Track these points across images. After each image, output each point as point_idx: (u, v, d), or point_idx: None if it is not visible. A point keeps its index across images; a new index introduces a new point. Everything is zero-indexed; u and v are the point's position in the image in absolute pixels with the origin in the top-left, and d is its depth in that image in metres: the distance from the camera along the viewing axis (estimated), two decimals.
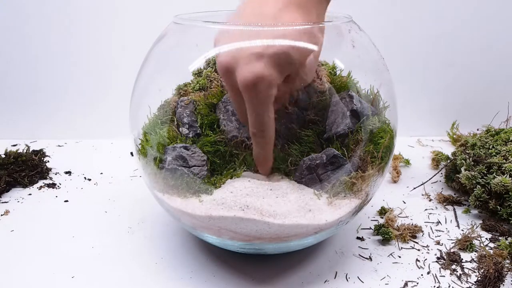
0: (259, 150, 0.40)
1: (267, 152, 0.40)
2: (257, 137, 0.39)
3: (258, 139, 0.39)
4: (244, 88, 0.36)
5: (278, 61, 0.36)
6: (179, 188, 0.43)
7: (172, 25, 0.47)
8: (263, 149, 0.40)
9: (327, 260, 0.49)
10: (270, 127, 0.38)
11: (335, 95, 0.45)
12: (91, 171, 0.73)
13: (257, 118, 0.38)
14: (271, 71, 0.36)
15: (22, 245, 0.53)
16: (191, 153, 0.43)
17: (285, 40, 0.36)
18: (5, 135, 0.86)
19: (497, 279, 0.44)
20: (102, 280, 0.46)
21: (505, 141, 0.63)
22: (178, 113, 0.46)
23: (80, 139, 0.87)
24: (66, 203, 0.63)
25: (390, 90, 0.49)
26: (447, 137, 0.85)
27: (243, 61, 0.36)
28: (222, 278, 0.46)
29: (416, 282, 0.46)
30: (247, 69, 0.35)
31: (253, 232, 0.42)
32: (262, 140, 0.39)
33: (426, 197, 0.64)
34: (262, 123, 0.38)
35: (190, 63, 0.47)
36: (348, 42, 0.46)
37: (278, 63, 0.36)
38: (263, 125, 0.38)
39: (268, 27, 0.37)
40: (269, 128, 0.38)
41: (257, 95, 0.36)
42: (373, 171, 0.44)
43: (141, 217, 0.59)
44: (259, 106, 0.37)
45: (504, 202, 0.56)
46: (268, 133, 0.39)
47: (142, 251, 0.51)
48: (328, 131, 0.44)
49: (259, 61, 0.35)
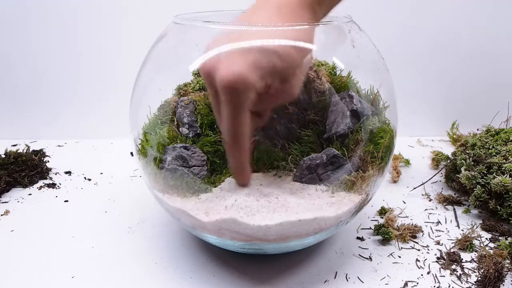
0: (233, 161, 0.37)
1: (241, 163, 0.37)
2: (230, 147, 0.36)
3: (231, 148, 0.37)
4: (222, 88, 0.34)
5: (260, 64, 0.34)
6: (179, 188, 0.43)
7: (172, 25, 0.47)
8: (236, 160, 0.37)
9: (327, 260, 0.49)
10: (244, 136, 0.36)
11: (335, 95, 0.45)
12: (91, 171, 0.73)
13: (231, 125, 0.35)
14: (251, 73, 0.34)
15: (22, 245, 0.53)
16: (191, 153, 0.43)
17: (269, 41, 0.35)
18: (5, 135, 0.86)
19: (497, 279, 0.44)
20: (102, 280, 0.46)
21: (505, 141, 0.63)
22: (178, 113, 0.46)
23: (80, 139, 0.87)
24: (66, 203, 0.63)
25: (390, 90, 0.49)
26: (447, 137, 0.85)
27: (225, 60, 0.34)
28: (222, 278, 0.46)
29: (416, 282, 0.46)
30: (227, 67, 0.34)
31: (253, 233, 0.42)
32: (235, 150, 0.36)
33: (426, 197, 0.64)
34: (235, 131, 0.35)
35: (190, 63, 0.46)
36: (348, 42, 0.46)
37: (259, 66, 0.34)
38: (236, 134, 0.35)
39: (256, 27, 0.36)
40: (243, 137, 0.36)
41: (233, 98, 0.34)
42: (373, 171, 0.44)
43: (141, 217, 0.59)
44: (234, 110, 0.34)
45: (504, 202, 0.56)
46: (242, 143, 0.36)
47: (142, 251, 0.51)
48: (328, 131, 0.44)
49: (240, 60, 0.34)
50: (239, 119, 0.35)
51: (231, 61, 0.34)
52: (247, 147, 0.36)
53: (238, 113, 0.35)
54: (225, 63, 0.34)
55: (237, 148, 0.36)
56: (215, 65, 0.35)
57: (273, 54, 0.35)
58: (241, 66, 0.34)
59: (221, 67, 0.34)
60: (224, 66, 0.34)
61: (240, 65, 0.34)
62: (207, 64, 0.36)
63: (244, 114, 0.35)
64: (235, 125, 0.35)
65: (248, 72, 0.34)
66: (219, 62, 0.35)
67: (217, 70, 0.35)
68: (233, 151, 0.37)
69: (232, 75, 0.33)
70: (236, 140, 0.36)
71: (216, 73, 0.35)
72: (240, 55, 0.34)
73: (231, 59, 0.34)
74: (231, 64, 0.34)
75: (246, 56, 0.34)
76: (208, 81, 0.36)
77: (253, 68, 0.34)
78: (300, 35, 0.36)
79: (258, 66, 0.34)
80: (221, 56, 0.35)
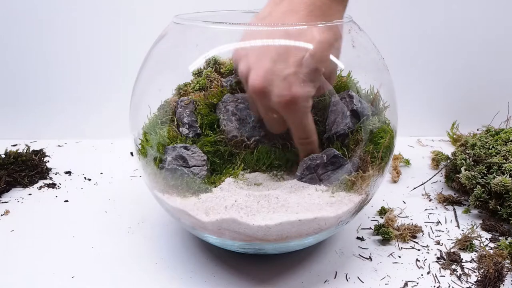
0: (307, 153, 0.42)
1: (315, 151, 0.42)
2: (304, 144, 0.41)
3: (306, 145, 0.41)
4: (283, 107, 0.38)
5: (311, 78, 0.38)
6: (179, 188, 0.43)
7: (172, 25, 0.47)
8: (312, 151, 0.42)
9: (327, 260, 0.49)
10: (313, 132, 0.41)
11: (335, 95, 0.45)
12: (91, 171, 0.73)
13: (301, 128, 0.40)
14: (306, 88, 0.38)
15: (22, 245, 0.53)
16: (191, 153, 0.43)
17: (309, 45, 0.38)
18: (5, 135, 0.86)
19: (497, 279, 0.44)
20: (102, 280, 0.46)
21: (505, 141, 0.63)
22: (178, 113, 0.46)
23: (80, 139, 0.87)
24: (66, 203, 0.63)
25: (390, 90, 0.49)
26: (447, 137, 0.85)
27: (279, 83, 0.38)
28: (222, 278, 0.46)
29: (416, 282, 0.46)
30: (284, 91, 0.37)
31: (253, 233, 0.42)
32: (309, 145, 0.41)
33: (426, 197, 0.64)
34: (305, 131, 0.41)
35: (190, 63, 0.47)
36: (348, 42, 0.46)
37: (311, 79, 0.38)
38: (307, 133, 0.41)
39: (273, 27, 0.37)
40: (313, 133, 0.41)
41: (296, 111, 0.39)
42: (373, 171, 0.44)
43: (141, 217, 0.59)
44: (301, 119, 0.40)
45: (504, 202, 0.56)
46: (313, 138, 0.41)
47: (142, 251, 0.51)
48: (328, 131, 0.44)
49: (295, 82, 0.37)
50: (306, 122, 0.40)
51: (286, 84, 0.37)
52: (317, 139, 0.42)
53: (304, 119, 0.40)
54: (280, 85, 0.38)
55: (310, 143, 0.41)
56: (269, 88, 0.38)
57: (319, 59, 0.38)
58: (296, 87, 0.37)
59: (277, 90, 0.38)
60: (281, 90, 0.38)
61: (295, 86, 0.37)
62: (258, 86, 0.38)
63: (308, 117, 0.40)
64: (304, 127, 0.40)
65: (303, 89, 0.38)
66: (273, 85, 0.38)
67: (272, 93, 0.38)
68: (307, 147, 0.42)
69: (292, 97, 0.38)
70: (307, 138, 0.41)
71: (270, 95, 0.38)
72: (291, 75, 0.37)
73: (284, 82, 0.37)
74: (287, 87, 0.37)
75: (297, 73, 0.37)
76: (260, 100, 0.40)
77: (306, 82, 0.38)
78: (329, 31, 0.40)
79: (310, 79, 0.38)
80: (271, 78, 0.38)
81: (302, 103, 0.38)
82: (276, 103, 0.38)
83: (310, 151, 0.42)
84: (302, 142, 0.41)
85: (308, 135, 0.41)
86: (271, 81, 0.38)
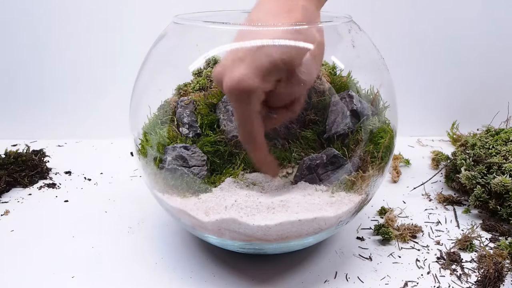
0: (253, 157, 0.40)
1: (263, 158, 0.40)
2: (247, 145, 0.39)
3: (248, 147, 0.39)
4: (228, 95, 0.36)
5: (261, 66, 0.34)
6: (179, 188, 0.43)
7: (172, 25, 0.47)
8: (256, 156, 0.39)
9: (327, 260, 0.49)
10: (258, 135, 0.37)
11: (335, 95, 0.45)
12: (91, 171, 0.73)
13: (243, 127, 0.37)
14: (252, 77, 0.34)
15: (22, 245, 0.53)
16: (191, 153, 0.43)
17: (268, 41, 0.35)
18: (5, 135, 0.86)
19: (497, 279, 0.44)
20: (102, 280, 0.46)
21: (505, 141, 0.63)
22: (178, 113, 0.46)
23: (80, 139, 0.87)
24: (66, 203, 0.63)
25: (390, 90, 0.49)
26: (447, 137, 0.85)
27: (228, 68, 0.35)
28: (222, 278, 0.46)
29: (416, 282, 0.46)
30: (229, 75, 0.35)
31: (253, 233, 0.42)
32: (252, 148, 0.39)
33: (426, 197, 0.64)
34: (248, 131, 0.37)
35: (190, 63, 0.47)
36: (348, 42, 0.46)
37: (260, 68, 0.34)
38: (249, 134, 0.37)
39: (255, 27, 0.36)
40: (257, 135, 0.37)
41: (239, 103, 0.35)
42: (373, 171, 0.44)
43: (141, 217, 0.59)
44: (244, 114, 0.36)
45: (504, 202, 0.56)
46: (256, 141, 0.38)
47: (142, 251, 0.51)
48: (328, 131, 0.44)
49: (240, 67, 0.35)
50: (249, 120, 0.36)
51: (233, 68, 0.35)
52: (263, 144, 0.38)
53: (247, 115, 0.36)
54: (228, 70, 0.35)
55: (254, 148, 0.38)
56: (221, 73, 0.36)
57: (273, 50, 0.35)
58: (241, 72, 0.35)
59: (225, 75, 0.35)
60: (227, 73, 0.35)
61: (240, 70, 0.35)
62: (215, 71, 0.37)
63: (253, 114, 0.36)
64: (247, 126, 0.37)
65: (249, 77, 0.34)
66: (225, 69, 0.36)
67: (223, 78, 0.36)
68: (252, 151, 0.39)
69: (233, 82, 0.35)
70: (250, 140, 0.38)
71: (222, 80, 0.36)
72: (240, 59, 0.35)
73: (232, 65, 0.35)
74: (232, 70, 0.35)
75: (246, 59, 0.35)
76: (219, 88, 0.38)
77: (254, 71, 0.35)
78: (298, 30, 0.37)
79: (258, 68, 0.35)
80: (224, 63, 0.36)
81: (245, 93, 0.34)
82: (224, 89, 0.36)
83: (254, 155, 0.39)
84: (243, 142, 0.39)
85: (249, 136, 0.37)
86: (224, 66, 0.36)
